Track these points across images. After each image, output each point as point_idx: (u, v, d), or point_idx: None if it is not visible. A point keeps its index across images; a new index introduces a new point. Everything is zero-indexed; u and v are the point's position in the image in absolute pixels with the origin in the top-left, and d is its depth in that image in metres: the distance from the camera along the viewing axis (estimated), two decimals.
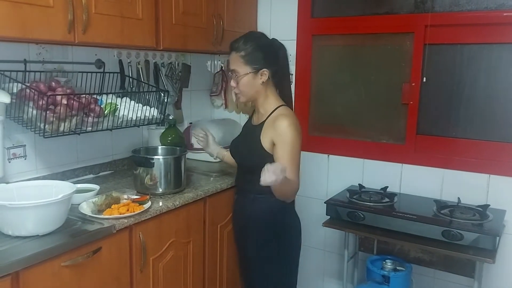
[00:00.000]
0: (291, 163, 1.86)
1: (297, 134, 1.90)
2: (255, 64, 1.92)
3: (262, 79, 1.94)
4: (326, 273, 3.05)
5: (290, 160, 1.86)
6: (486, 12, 2.42)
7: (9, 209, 1.53)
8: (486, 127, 2.52)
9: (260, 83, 1.95)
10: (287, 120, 1.89)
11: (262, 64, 1.93)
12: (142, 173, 2.11)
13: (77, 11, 1.81)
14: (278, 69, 1.99)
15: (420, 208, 2.37)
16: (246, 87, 1.95)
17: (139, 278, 1.92)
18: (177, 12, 2.31)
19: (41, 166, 2.15)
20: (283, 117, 1.90)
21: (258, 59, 1.92)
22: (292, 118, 1.92)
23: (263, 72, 1.93)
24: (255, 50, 1.92)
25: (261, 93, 1.98)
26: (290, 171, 1.82)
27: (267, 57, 1.94)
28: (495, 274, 2.44)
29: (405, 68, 2.67)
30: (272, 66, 1.95)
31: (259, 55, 1.92)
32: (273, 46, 2.00)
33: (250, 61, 1.92)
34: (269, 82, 1.97)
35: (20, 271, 1.45)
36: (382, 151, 2.77)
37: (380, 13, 2.72)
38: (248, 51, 1.92)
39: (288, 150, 1.87)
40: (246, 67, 1.93)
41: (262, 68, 1.93)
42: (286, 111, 1.97)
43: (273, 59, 1.97)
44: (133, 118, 2.18)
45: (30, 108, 1.85)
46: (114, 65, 2.41)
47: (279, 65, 2.00)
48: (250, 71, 1.93)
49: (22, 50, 2.00)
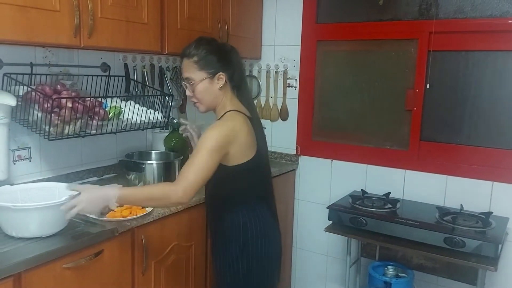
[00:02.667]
0: (187, 163, 1.70)
1: (216, 137, 1.70)
2: (210, 68, 1.80)
3: (220, 84, 1.82)
4: (328, 278, 3.05)
5: (189, 159, 1.71)
6: (490, 20, 2.42)
7: (13, 211, 1.55)
8: (490, 134, 2.52)
9: (217, 88, 1.82)
10: (217, 125, 1.76)
11: (217, 67, 1.81)
12: (134, 180, 2.14)
13: (83, 15, 1.83)
14: (233, 72, 1.86)
15: (423, 214, 2.37)
16: (204, 94, 1.83)
17: (141, 281, 1.93)
18: (183, 17, 2.33)
19: (45, 168, 2.17)
20: (218, 122, 1.79)
21: (213, 62, 1.81)
22: (225, 124, 1.76)
23: (219, 76, 1.81)
24: (208, 54, 1.81)
25: (219, 99, 1.85)
26: (181, 170, 1.70)
27: (221, 60, 1.82)
28: (497, 282, 2.43)
29: (409, 75, 2.67)
30: (227, 69, 1.84)
31: (213, 58, 1.81)
32: (225, 49, 1.88)
33: (204, 65, 1.80)
34: (226, 86, 1.85)
35: (22, 272, 1.46)
36: (385, 157, 2.77)
37: (385, 20, 2.72)
38: (201, 56, 1.80)
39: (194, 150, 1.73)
40: (200, 72, 1.81)
41: (217, 72, 1.81)
42: (231, 116, 1.80)
43: (228, 62, 1.84)
44: (138, 122, 2.19)
45: (36, 111, 1.87)
46: (119, 68, 2.42)
47: (234, 68, 1.87)
48: (205, 76, 1.80)
49: (28, 53, 2.01)
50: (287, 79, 3.06)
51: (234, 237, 1.84)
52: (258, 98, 3.16)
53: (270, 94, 3.12)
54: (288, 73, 3.05)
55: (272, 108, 3.12)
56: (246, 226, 1.83)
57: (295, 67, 3.02)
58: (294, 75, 3.03)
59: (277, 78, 3.08)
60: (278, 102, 3.11)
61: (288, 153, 3.11)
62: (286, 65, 3.04)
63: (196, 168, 1.67)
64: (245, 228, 1.83)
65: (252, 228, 1.84)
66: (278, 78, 3.08)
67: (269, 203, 1.94)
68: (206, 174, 1.68)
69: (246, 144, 1.78)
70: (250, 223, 1.83)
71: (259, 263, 1.85)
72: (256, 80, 3.16)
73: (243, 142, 1.77)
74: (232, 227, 1.84)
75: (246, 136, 1.78)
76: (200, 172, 1.67)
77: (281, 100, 3.10)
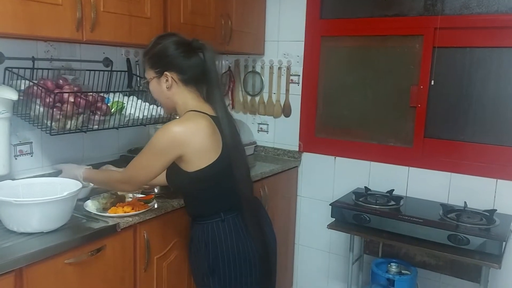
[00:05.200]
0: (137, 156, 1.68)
1: (162, 140, 1.61)
2: (157, 67, 1.69)
3: (166, 84, 1.68)
4: (331, 275, 3.04)
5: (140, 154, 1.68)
6: (496, 16, 2.40)
7: (15, 206, 1.54)
8: (494, 132, 2.49)
9: (165, 88, 1.69)
10: (167, 126, 1.62)
11: (164, 66, 1.68)
12: None
13: (85, 9, 1.82)
14: (190, 71, 1.69)
15: (426, 211, 2.35)
16: (156, 95, 1.75)
17: (143, 277, 1.92)
18: (186, 12, 2.31)
19: (47, 163, 2.15)
20: (169, 123, 1.65)
21: (160, 61, 1.68)
22: (178, 125, 1.62)
23: (166, 76, 1.68)
24: (160, 52, 1.69)
25: (174, 99, 1.72)
26: (131, 164, 1.69)
27: (171, 58, 1.68)
28: (501, 279, 2.42)
29: (413, 71, 2.65)
30: (179, 68, 1.68)
31: (162, 56, 1.68)
32: (185, 46, 1.71)
33: (153, 64, 1.70)
34: (179, 86, 1.70)
35: (24, 267, 1.45)
36: (389, 154, 2.76)
37: (390, 15, 2.70)
38: (152, 53, 1.71)
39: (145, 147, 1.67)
40: (150, 71, 1.71)
41: (164, 71, 1.68)
42: (187, 117, 1.66)
43: (181, 59, 1.68)
44: (140, 117, 2.18)
45: (37, 106, 1.86)
46: (121, 63, 2.41)
47: (191, 66, 1.69)
48: (153, 76, 1.71)
49: (30, 47, 2.00)
50: (290, 75, 3.04)
51: (203, 253, 1.72)
52: (261, 94, 3.14)
53: (273, 90, 3.10)
54: (291, 69, 3.03)
55: (275, 105, 3.11)
56: (215, 241, 1.70)
57: (299, 63, 3.00)
58: (297, 71, 3.01)
59: (280, 74, 3.06)
60: (281, 98, 3.09)
61: (291, 149, 3.09)
62: (289, 61, 3.02)
63: (140, 165, 1.68)
64: (214, 244, 1.70)
65: (222, 244, 1.69)
66: (281, 74, 3.06)
67: (242, 214, 1.73)
68: (150, 173, 1.66)
69: (203, 147, 1.61)
70: (220, 238, 1.70)
71: (231, 279, 1.71)
72: (259, 76, 3.14)
73: (199, 145, 1.61)
74: (200, 242, 1.73)
75: (204, 138, 1.61)
76: (143, 169, 1.67)
77: (284, 97, 3.08)
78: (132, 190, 1.82)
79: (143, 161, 1.67)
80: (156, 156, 1.63)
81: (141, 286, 1.92)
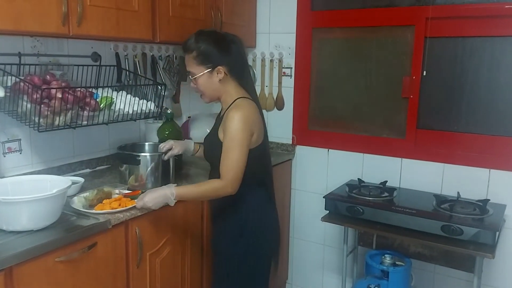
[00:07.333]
0: (225, 156, 1.80)
1: (243, 127, 1.80)
2: (208, 63, 1.86)
3: (219, 77, 1.88)
4: (326, 267, 3.04)
5: (225, 152, 1.81)
6: (488, 4, 2.39)
7: (3, 204, 1.52)
8: (487, 121, 2.49)
9: (217, 81, 1.89)
10: (236, 112, 1.81)
11: (216, 61, 1.86)
12: (125, 171, 2.12)
13: (71, 3, 1.78)
14: (234, 63, 1.90)
15: (420, 202, 2.35)
16: (205, 87, 1.91)
17: (136, 274, 1.90)
18: (174, 4, 2.28)
19: (36, 161, 2.13)
20: (234, 109, 1.84)
21: (211, 57, 1.86)
22: (243, 110, 1.83)
23: (219, 70, 1.87)
24: (207, 48, 1.85)
25: (221, 90, 1.91)
26: (222, 164, 1.80)
27: (220, 54, 1.87)
28: (495, 269, 2.43)
29: (405, 62, 2.63)
30: (226, 62, 1.88)
31: (211, 52, 1.86)
32: (225, 41, 1.90)
33: (203, 60, 1.86)
34: (227, 78, 1.90)
35: (13, 266, 1.43)
36: (382, 146, 2.75)
37: (381, 6, 2.68)
38: (200, 51, 1.85)
39: (226, 143, 1.81)
40: (200, 67, 1.87)
41: (216, 66, 1.87)
42: (242, 102, 1.88)
43: (227, 54, 1.88)
44: (130, 112, 2.15)
45: (25, 102, 1.83)
46: (110, 58, 2.38)
47: (234, 59, 1.90)
48: (204, 70, 1.87)
49: (16, 43, 1.97)
50: (283, 68, 3.01)
51: (236, 215, 1.94)
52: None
53: (266, 83, 3.08)
54: (283, 61, 3.01)
55: (268, 98, 3.09)
56: (248, 207, 1.93)
57: (291, 55, 2.97)
58: (289, 64, 2.99)
59: (272, 67, 3.04)
60: (273, 91, 3.07)
61: (284, 142, 3.08)
62: (281, 53, 3.00)
63: (235, 163, 1.79)
64: (247, 210, 1.93)
65: (254, 210, 1.94)
66: (274, 67, 3.04)
67: (268, 189, 2.03)
68: (244, 163, 1.81)
69: (260, 128, 1.90)
70: (252, 207, 1.94)
71: (256, 242, 1.95)
72: (251, 69, 3.11)
73: (259, 124, 1.89)
74: (234, 206, 1.92)
75: (260, 118, 1.91)
76: (240, 164, 1.79)
77: (276, 89, 3.06)
78: (236, 190, 1.81)
79: (235, 157, 1.79)
80: (242, 147, 1.80)
81: (134, 282, 1.90)
